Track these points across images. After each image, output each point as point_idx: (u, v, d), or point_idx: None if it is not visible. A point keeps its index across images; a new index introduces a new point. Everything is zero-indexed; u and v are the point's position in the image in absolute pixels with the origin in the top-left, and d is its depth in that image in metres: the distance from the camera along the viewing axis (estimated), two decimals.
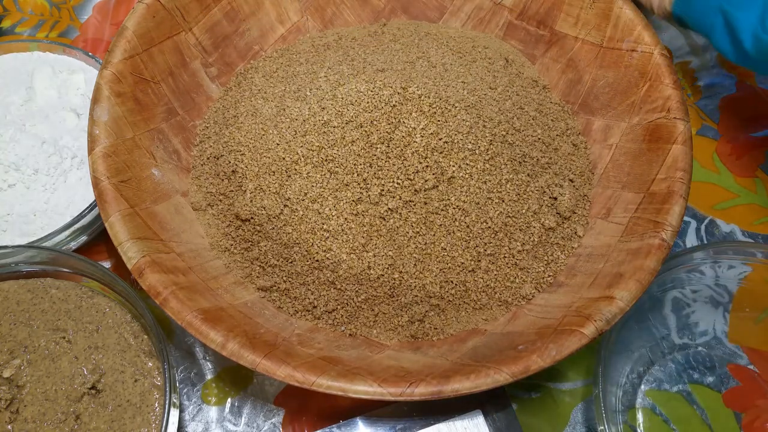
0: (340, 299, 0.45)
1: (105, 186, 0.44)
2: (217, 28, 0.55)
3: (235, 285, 0.46)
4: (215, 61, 0.55)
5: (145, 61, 0.50)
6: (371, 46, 0.55)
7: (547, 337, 0.39)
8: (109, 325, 0.43)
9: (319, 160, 0.46)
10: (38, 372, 0.41)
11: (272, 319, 0.45)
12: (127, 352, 0.42)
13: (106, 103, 0.46)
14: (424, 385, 0.38)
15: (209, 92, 0.55)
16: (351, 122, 0.46)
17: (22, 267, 0.45)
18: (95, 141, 0.45)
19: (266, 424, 0.47)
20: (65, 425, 0.39)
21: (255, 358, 0.38)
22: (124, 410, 0.40)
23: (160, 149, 0.50)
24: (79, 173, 0.52)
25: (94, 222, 0.50)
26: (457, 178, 0.45)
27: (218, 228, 0.49)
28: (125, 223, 0.43)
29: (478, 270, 0.45)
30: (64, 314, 0.43)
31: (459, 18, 0.60)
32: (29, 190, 0.51)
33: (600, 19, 0.53)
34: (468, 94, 0.49)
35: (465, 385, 0.38)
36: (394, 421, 0.44)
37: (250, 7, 0.57)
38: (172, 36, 0.52)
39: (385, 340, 0.45)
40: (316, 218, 0.45)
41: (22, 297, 0.44)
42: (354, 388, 0.38)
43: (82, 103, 0.55)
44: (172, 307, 0.40)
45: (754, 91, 0.64)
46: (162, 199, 0.47)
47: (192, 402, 0.47)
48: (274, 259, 0.46)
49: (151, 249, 0.42)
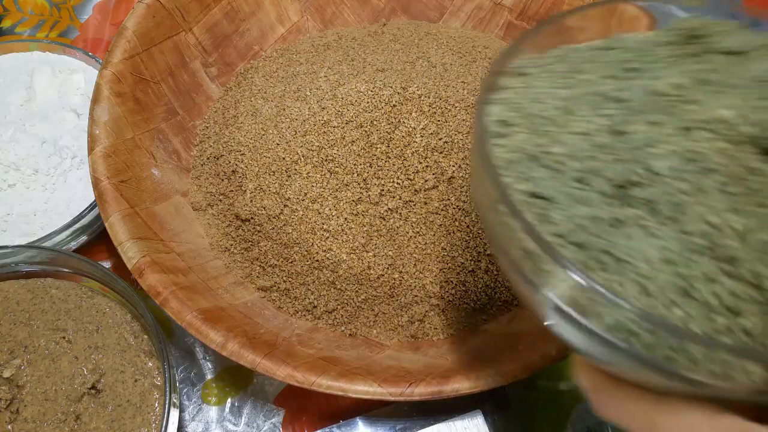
0: (340, 299, 0.45)
1: (105, 186, 0.44)
2: (217, 28, 0.55)
3: (235, 285, 0.46)
4: (215, 61, 0.55)
5: (145, 61, 0.50)
6: (371, 46, 0.55)
7: (547, 337, 0.39)
8: (109, 325, 0.43)
9: (319, 160, 0.46)
10: (38, 372, 0.41)
11: (272, 319, 0.45)
12: (127, 352, 0.42)
13: (106, 103, 0.46)
14: (424, 385, 0.38)
15: (209, 92, 0.55)
16: (351, 122, 0.46)
17: (22, 267, 0.45)
18: (95, 141, 0.45)
19: (266, 424, 0.47)
20: (65, 425, 0.39)
21: (255, 358, 0.38)
22: (124, 410, 0.40)
23: (160, 149, 0.50)
24: (79, 173, 0.52)
25: (94, 222, 0.50)
26: (457, 178, 0.45)
27: (218, 228, 0.49)
28: (125, 223, 0.43)
29: (478, 270, 0.45)
30: (64, 314, 0.43)
31: (459, 18, 0.60)
32: (29, 190, 0.51)
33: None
34: (468, 94, 0.49)
35: (465, 385, 0.38)
36: (394, 421, 0.44)
37: (250, 7, 0.57)
38: (172, 36, 0.52)
39: (385, 340, 0.45)
40: (316, 218, 0.45)
41: (22, 297, 0.44)
42: (354, 388, 0.38)
43: (82, 103, 0.55)
44: (172, 307, 0.40)
45: None
46: (162, 199, 0.47)
47: (192, 402, 0.47)
48: (274, 259, 0.46)
49: (151, 249, 0.42)
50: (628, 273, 0.21)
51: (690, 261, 0.21)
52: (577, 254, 0.22)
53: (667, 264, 0.21)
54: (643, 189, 0.22)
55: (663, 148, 0.23)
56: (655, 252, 0.21)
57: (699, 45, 0.26)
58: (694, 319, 0.20)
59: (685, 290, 0.21)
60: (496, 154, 0.24)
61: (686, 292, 0.21)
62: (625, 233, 0.21)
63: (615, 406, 0.24)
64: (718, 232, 0.21)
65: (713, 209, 0.21)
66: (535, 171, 0.23)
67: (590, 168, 0.23)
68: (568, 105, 0.25)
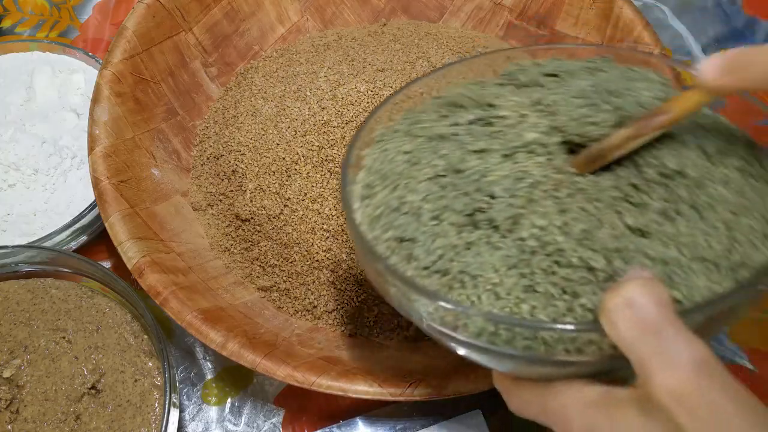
0: (340, 299, 0.45)
1: (105, 186, 0.44)
2: (217, 28, 0.55)
3: (235, 285, 0.46)
4: (215, 61, 0.55)
5: (145, 61, 0.50)
6: (371, 46, 0.55)
7: None
8: (109, 325, 0.43)
9: (319, 160, 0.46)
10: (38, 372, 0.41)
11: (272, 319, 0.45)
12: (127, 352, 0.42)
13: (106, 103, 0.46)
14: (424, 385, 0.38)
15: (209, 92, 0.55)
16: (351, 122, 0.46)
17: (22, 267, 0.45)
18: (95, 141, 0.45)
19: (266, 424, 0.47)
20: (65, 425, 0.39)
21: (255, 358, 0.38)
22: (124, 410, 0.40)
23: (160, 149, 0.50)
24: (79, 173, 0.52)
25: (94, 222, 0.50)
26: None
27: (218, 228, 0.49)
28: (125, 223, 0.43)
29: None
30: (64, 314, 0.43)
31: (459, 18, 0.60)
32: (29, 190, 0.51)
33: (600, 20, 0.53)
34: None
35: (465, 386, 0.38)
36: (394, 421, 0.44)
37: (250, 7, 0.57)
38: (172, 36, 0.52)
39: (384, 341, 0.45)
40: (316, 218, 0.45)
41: (22, 297, 0.44)
42: (354, 388, 0.38)
43: (82, 103, 0.55)
44: (172, 307, 0.40)
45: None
46: (162, 199, 0.47)
47: (192, 402, 0.47)
48: (274, 258, 0.46)
49: (151, 249, 0.42)
50: (481, 285, 0.25)
51: (528, 262, 0.25)
52: (441, 280, 0.26)
53: (510, 269, 0.25)
54: (486, 212, 0.27)
55: (495, 175, 0.28)
56: (500, 261, 0.25)
57: (526, 77, 0.32)
58: (539, 309, 0.24)
59: (529, 286, 0.24)
60: (365, 213, 0.29)
61: (530, 287, 0.24)
62: (476, 252, 0.26)
63: (517, 400, 0.28)
64: (545, 232, 0.25)
65: (544, 215, 0.26)
66: (399, 220, 0.27)
67: (441, 206, 0.27)
68: (413, 156, 0.30)
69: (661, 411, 0.21)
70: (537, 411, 0.27)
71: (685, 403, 0.21)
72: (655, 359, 0.21)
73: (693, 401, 0.21)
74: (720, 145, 0.28)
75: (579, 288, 0.24)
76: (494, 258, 0.25)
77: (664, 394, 0.21)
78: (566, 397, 0.25)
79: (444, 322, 0.25)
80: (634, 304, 0.21)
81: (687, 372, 0.21)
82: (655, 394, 0.21)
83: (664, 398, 0.21)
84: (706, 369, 0.21)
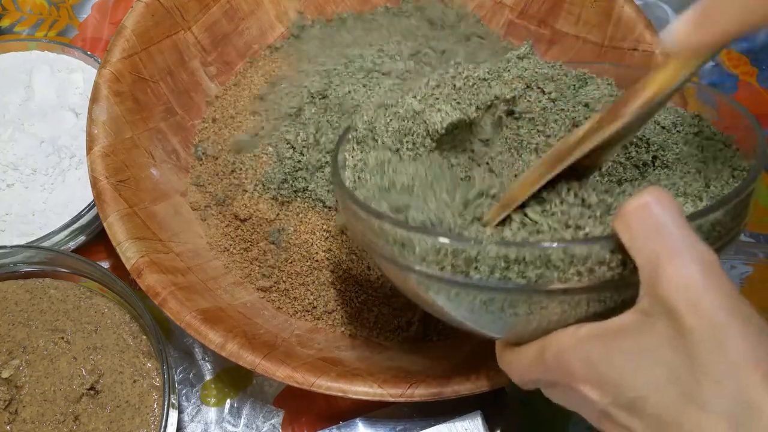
0: (340, 300, 0.45)
1: (104, 186, 0.43)
2: (216, 27, 0.55)
3: (234, 285, 0.46)
4: (214, 60, 0.55)
5: (143, 60, 0.49)
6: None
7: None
8: (108, 326, 0.43)
9: None
10: (37, 372, 0.40)
11: (272, 319, 0.45)
12: (126, 352, 0.42)
13: (105, 103, 0.46)
14: (425, 386, 0.37)
15: (208, 91, 0.54)
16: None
17: (21, 267, 0.45)
18: (94, 140, 0.45)
19: (265, 425, 0.46)
20: (64, 426, 0.39)
21: (254, 359, 0.38)
22: (122, 411, 0.40)
23: (158, 149, 0.49)
24: (77, 173, 0.52)
25: (92, 222, 0.50)
26: None
27: (217, 228, 0.49)
28: (124, 222, 0.42)
29: None
30: (62, 314, 0.43)
31: None
32: (28, 189, 0.51)
33: (601, 19, 0.53)
34: None
35: (465, 386, 0.38)
36: (394, 422, 0.44)
37: (249, 5, 0.57)
38: (170, 35, 0.52)
39: (384, 341, 0.45)
40: (316, 218, 0.45)
41: (21, 297, 0.44)
42: (354, 389, 0.38)
43: (81, 103, 0.55)
44: (171, 307, 0.40)
45: (756, 89, 0.63)
46: (161, 198, 0.47)
47: (191, 403, 0.47)
48: (274, 259, 0.46)
49: (150, 249, 0.42)
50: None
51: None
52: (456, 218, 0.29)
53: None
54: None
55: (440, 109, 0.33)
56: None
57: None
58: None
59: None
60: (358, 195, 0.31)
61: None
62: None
63: (519, 367, 0.29)
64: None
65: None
66: (384, 198, 0.30)
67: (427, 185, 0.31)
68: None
69: (662, 315, 0.22)
70: (539, 371, 0.27)
71: (692, 299, 0.21)
72: (666, 254, 0.22)
73: (700, 297, 0.21)
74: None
75: (580, 221, 0.26)
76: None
77: (673, 289, 0.22)
78: (562, 341, 0.26)
79: (454, 266, 0.26)
80: (649, 207, 0.23)
81: (697, 267, 0.22)
82: (663, 291, 0.22)
83: (672, 294, 0.22)
84: (714, 269, 0.22)
